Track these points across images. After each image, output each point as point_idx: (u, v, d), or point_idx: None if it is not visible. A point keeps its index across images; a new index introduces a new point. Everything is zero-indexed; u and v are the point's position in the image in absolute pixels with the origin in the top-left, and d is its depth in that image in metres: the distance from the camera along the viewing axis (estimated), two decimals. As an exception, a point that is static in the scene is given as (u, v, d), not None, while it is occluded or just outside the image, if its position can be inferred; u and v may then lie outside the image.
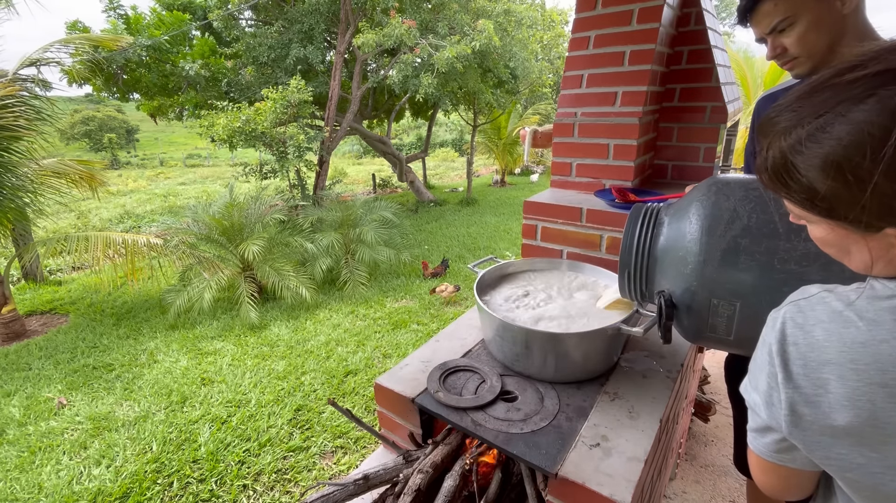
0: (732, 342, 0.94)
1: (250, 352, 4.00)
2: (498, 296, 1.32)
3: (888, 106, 0.43)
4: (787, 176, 0.52)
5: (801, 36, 1.04)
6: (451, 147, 23.36)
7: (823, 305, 0.53)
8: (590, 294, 1.30)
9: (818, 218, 0.53)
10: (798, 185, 0.51)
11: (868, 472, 0.50)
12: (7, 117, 4.12)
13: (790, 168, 0.51)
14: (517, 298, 1.29)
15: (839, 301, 0.52)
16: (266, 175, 7.61)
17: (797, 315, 0.54)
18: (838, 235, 0.53)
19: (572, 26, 1.75)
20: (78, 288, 6.27)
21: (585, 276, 1.41)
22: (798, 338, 0.53)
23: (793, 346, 0.53)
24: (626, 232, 1.04)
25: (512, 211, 9.68)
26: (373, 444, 2.70)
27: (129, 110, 29.90)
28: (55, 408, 3.30)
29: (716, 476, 2.11)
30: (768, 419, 0.57)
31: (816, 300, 0.54)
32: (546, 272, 1.46)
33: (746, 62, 6.55)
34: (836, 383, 0.49)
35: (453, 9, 8.18)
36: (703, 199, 0.92)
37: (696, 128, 1.84)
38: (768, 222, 0.83)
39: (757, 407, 0.59)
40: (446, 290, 5.07)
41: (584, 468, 0.91)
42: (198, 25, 8.50)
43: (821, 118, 0.47)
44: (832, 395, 0.50)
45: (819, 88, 0.48)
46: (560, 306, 1.24)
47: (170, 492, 2.40)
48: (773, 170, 0.53)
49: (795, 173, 0.50)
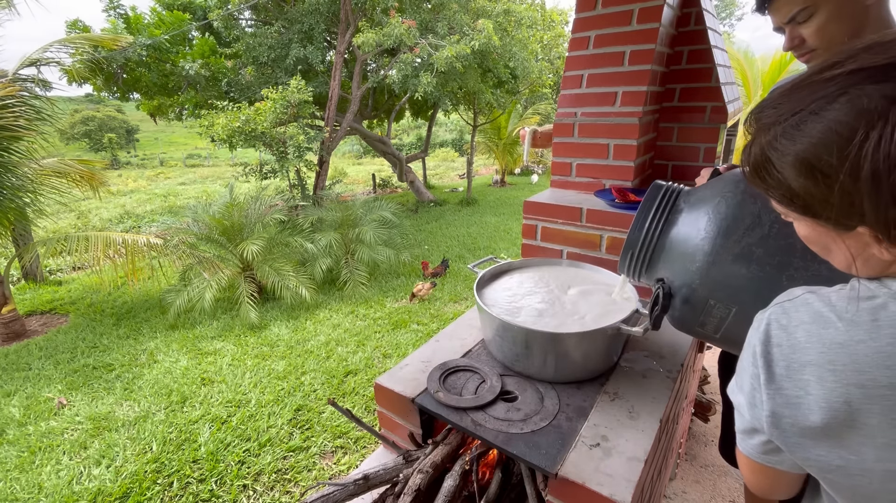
0: (718, 339, 0.93)
1: (250, 352, 4.00)
2: (498, 296, 1.31)
3: (856, 105, 0.43)
4: (765, 172, 0.52)
5: (820, 27, 0.99)
6: (451, 147, 23.35)
7: (806, 307, 0.53)
8: (590, 293, 1.30)
9: (797, 215, 0.53)
10: (775, 181, 0.51)
11: (846, 474, 0.50)
12: (7, 117, 4.11)
13: (768, 164, 0.51)
14: (517, 298, 1.29)
15: (821, 302, 0.52)
16: (266, 175, 7.60)
17: (781, 317, 0.54)
18: (818, 233, 0.53)
19: (572, 26, 1.76)
20: (78, 288, 6.27)
21: (586, 276, 1.41)
22: (782, 339, 0.53)
23: (776, 348, 0.53)
24: (641, 208, 1.00)
25: (512, 211, 9.67)
26: (373, 444, 2.70)
27: (129, 110, 29.95)
28: (55, 408, 3.29)
29: (716, 476, 2.11)
30: (752, 420, 0.57)
31: (800, 302, 0.54)
32: (546, 272, 1.46)
33: (747, 61, 6.55)
34: (815, 385, 0.49)
35: (453, 9, 8.17)
36: (728, 196, 0.88)
37: (696, 128, 1.84)
38: (787, 236, 0.79)
39: (742, 408, 0.59)
40: (423, 289, 5.07)
41: (584, 468, 0.91)
42: (198, 25, 8.49)
43: (796, 115, 0.47)
44: (811, 397, 0.49)
45: (800, 86, 0.48)
46: (560, 306, 1.24)
47: (170, 492, 2.40)
48: (753, 166, 0.54)
49: (773, 170, 0.51)
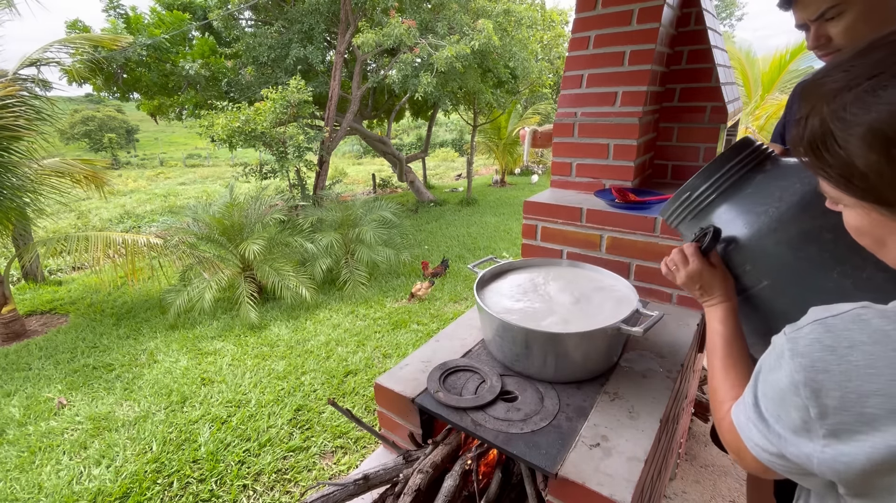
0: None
1: (250, 352, 4.00)
2: (498, 296, 1.31)
3: None
4: (823, 147, 0.45)
5: (849, 26, 0.92)
6: (451, 147, 23.35)
7: (861, 324, 0.44)
8: (590, 293, 1.30)
9: (853, 200, 0.46)
10: (835, 158, 0.44)
11: None
12: (7, 117, 4.12)
13: (828, 137, 0.44)
14: (517, 298, 1.29)
15: (882, 318, 0.43)
16: (266, 175, 7.61)
17: (825, 336, 0.45)
18: (875, 223, 0.46)
19: (572, 26, 1.76)
20: (78, 288, 6.27)
21: (586, 276, 1.41)
22: (830, 364, 0.44)
23: (824, 374, 0.44)
24: (720, 157, 0.92)
25: (512, 211, 9.68)
26: (373, 444, 2.70)
27: (129, 110, 29.95)
28: (55, 408, 3.30)
29: (716, 476, 2.10)
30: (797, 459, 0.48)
31: (851, 318, 0.45)
32: (546, 272, 1.46)
33: (748, 61, 6.55)
34: (886, 419, 0.40)
35: (453, 9, 8.18)
36: None
37: (696, 128, 1.84)
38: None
39: (781, 439, 0.50)
40: (422, 289, 5.06)
41: (584, 468, 0.91)
42: (198, 25, 8.50)
43: (873, 80, 0.40)
44: (880, 435, 0.40)
45: (879, 45, 0.42)
46: (560, 306, 1.24)
47: (170, 492, 2.40)
48: (809, 140, 0.46)
49: (834, 144, 0.44)
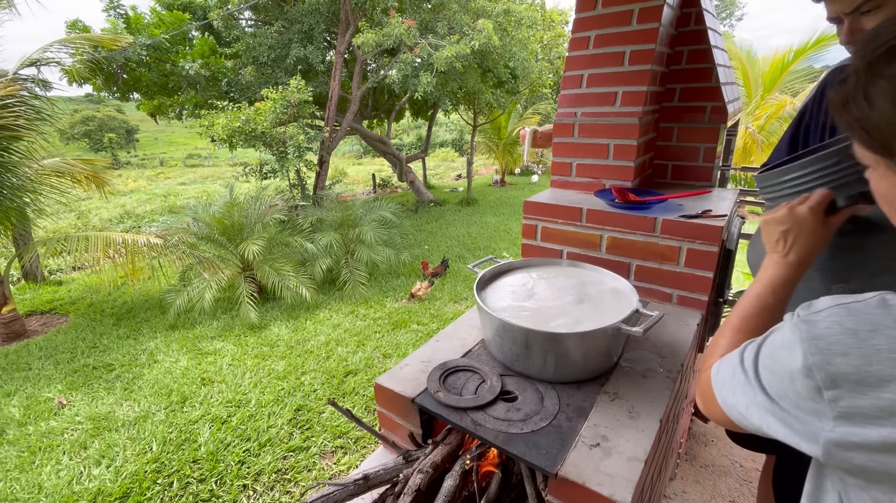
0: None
1: (250, 352, 4.00)
2: (498, 296, 1.31)
3: None
4: (852, 100, 0.43)
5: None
6: (451, 147, 23.35)
7: (887, 308, 0.42)
8: (590, 294, 1.30)
9: (874, 158, 0.45)
10: (860, 110, 0.43)
11: None
12: (7, 117, 4.12)
13: (858, 88, 0.42)
14: (517, 298, 1.29)
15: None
16: (266, 175, 7.61)
17: (847, 319, 0.44)
18: (891, 184, 0.45)
19: (572, 26, 1.76)
20: (78, 288, 6.27)
21: (586, 276, 1.41)
22: (850, 347, 0.42)
23: (842, 358, 0.43)
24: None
25: (512, 211, 9.68)
26: (373, 444, 2.70)
27: (129, 110, 29.95)
28: (55, 408, 3.30)
29: (716, 476, 2.10)
30: (800, 437, 0.46)
31: (876, 303, 0.43)
32: (546, 272, 1.46)
33: (749, 61, 6.55)
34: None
35: (453, 9, 8.18)
36: None
37: (696, 128, 1.84)
38: None
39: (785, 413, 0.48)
40: (422, 289, 5.06)
41: (584, 468, 0.91)
42: (198, 25, 8.50)
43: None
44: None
45: None
46: (560, 306, 1.24)
47: (170, 492, 2.40)
48: (842, 95, 0.44)
49: (860, 95, 0.42)
